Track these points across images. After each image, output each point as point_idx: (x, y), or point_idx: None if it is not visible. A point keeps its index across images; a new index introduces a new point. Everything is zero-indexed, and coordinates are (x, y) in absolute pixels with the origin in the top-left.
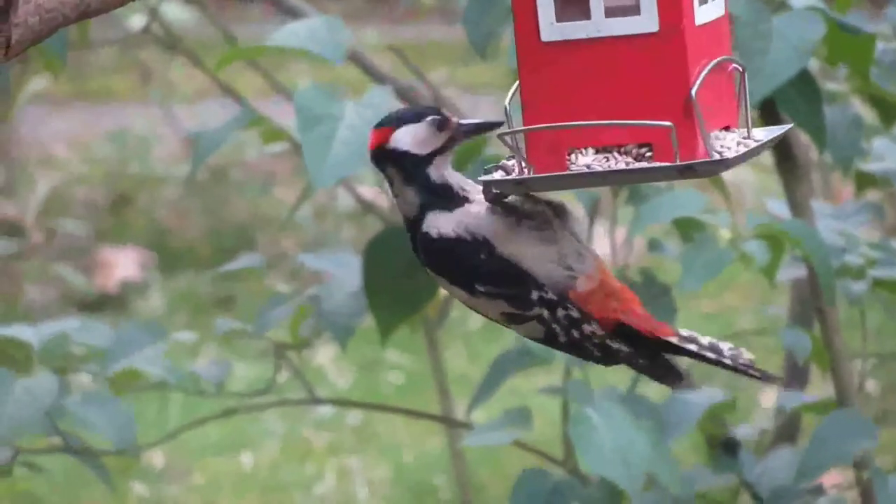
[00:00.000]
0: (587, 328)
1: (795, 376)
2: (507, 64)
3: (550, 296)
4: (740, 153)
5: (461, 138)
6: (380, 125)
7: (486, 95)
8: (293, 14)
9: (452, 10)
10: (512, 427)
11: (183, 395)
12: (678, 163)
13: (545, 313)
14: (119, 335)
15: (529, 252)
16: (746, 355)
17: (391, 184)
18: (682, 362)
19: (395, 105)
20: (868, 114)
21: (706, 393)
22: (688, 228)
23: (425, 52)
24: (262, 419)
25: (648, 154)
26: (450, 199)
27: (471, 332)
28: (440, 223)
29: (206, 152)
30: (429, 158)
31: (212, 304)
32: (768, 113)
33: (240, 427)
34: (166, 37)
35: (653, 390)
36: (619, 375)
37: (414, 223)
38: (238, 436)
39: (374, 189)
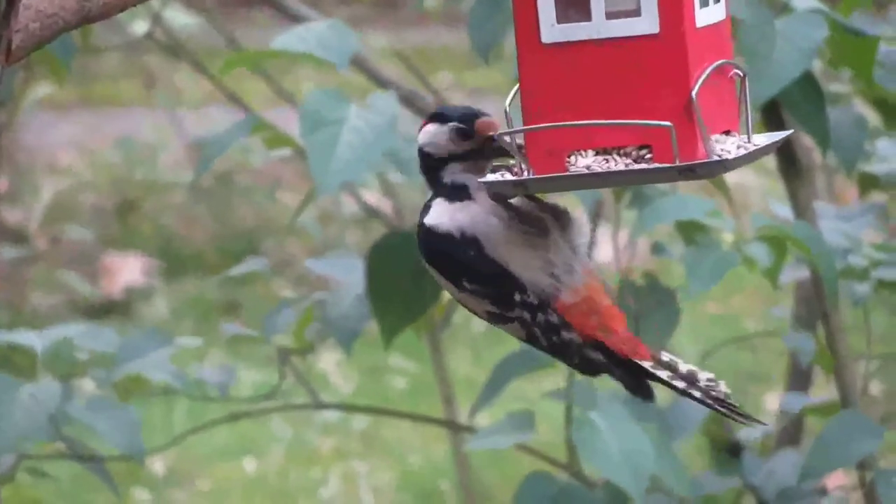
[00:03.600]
0: (565, 335)
1: (799, 378)
2: (511, 68)
3: (532, 300)
4: (740, 155)
5: (489, 153)
6: (427, 117)
7: (491, 99)
8: (298, 19)
9: (457, 15)
10: (515, 431)
11: (189, 401)
12: (678, 164)
13: (526, 315)
14: (125, 341)
15: (517, 256)
16: (722, 388)
17: None
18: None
19: (398, 110)
20: (871, 116)
21: None
22: (691, 232)
23: (431, 56)
24: (268, 424)
25: (648, 156)
26: (456, 195)
27: (475, 336)
28: (437, 216)
29: (211, 158)
30: (443, 161)
31: (218, 310)
32: (772, 115)
33: (246, 432)
34: (170, 42)
35: (657, 393)
36: None
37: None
38: (244, 441)
39: (378, 194)
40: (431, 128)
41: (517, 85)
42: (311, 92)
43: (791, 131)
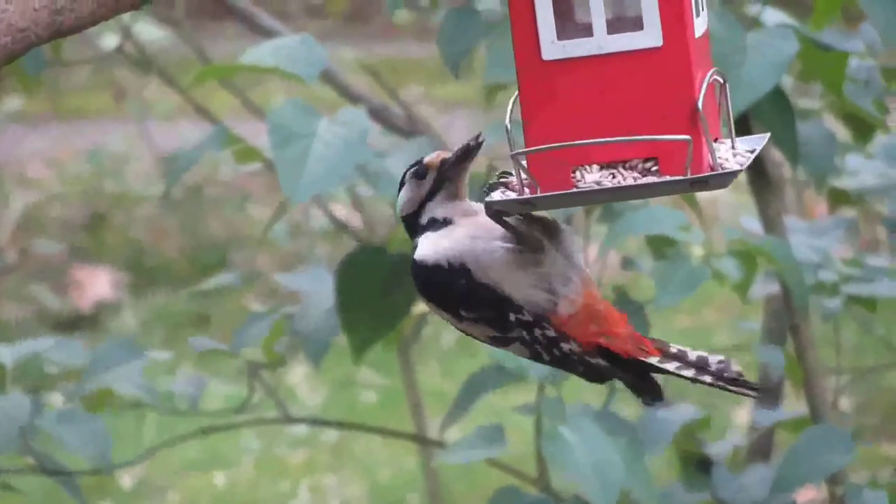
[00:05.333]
0: (565, 346)
1: (769, 393)
2: (482, 81)
3: (527, 317)
4: (742, 163)
5: (452, 174)
6: None
7: (461, 112)
8: (267, 33)
9: (428, 28)
10: (485, 444)
11: (159, 414)
12: (689, 176)
13: (524, 334)
14: (95, 354)
15: (508, 277)
16: (734, 368)
17: None
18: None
19: (368, 124)
20: (841, 131)
21: (681, 410)
22: (661, 245)
23: (401, 69)
24: (238, 437)
25: (654, 168)
26: (437, 226)
27: (445, 350)
28: (423, 249)
29: (181, 171)
30: (420, 209)
31: (187, 323)
32: (742, 129)
33: (215, 445)
34: (140, 55)
35: (628, 407)
36: (594, 393)
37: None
38: (214, 454)
39: (348, 208)
40: (399, 198)
41: (513, 97)
42: (280, 105)
43: (769, 134)
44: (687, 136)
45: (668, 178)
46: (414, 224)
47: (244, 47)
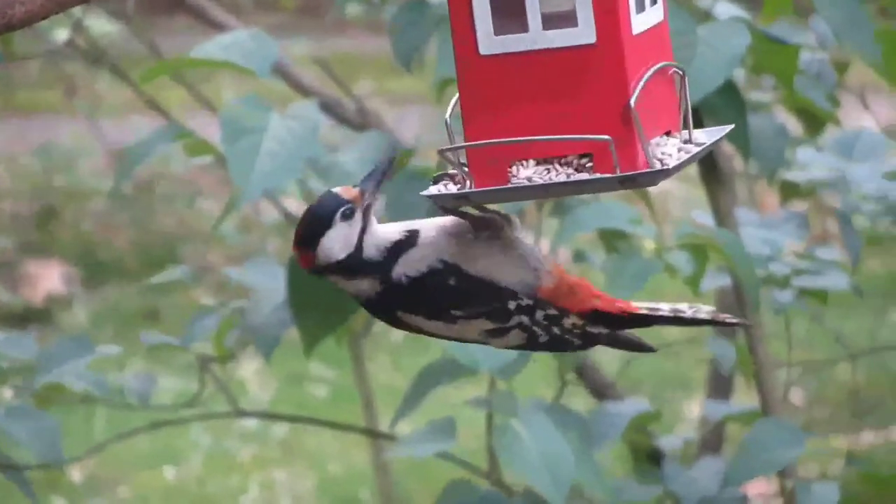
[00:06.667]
0: (567, 321)
1: (721, 386)
2: (434, 76)
3: (526, 301)
4: (681, 161)
5: (374, 201)
6: (300, 245)
7: (413, 107)
8: (219, 27)
9: (380, 23)
10: (436, 438)
11: (109, 409)
12: (618, 174)
13: (524, 319)
14: (45, 349)
15: (496, 262)
16: (706, 309)
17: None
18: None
19: (320, 118)
20: (793, 124)
21: (631, 403)
22: (612, 239)
23: (353, 63)
24: (188, 432)
25: (589, 165)
26: (410, 244)
27: (396, 344)
28: (406, 269)
29: (132, 166)
30: (359, 247)
31: (138, 317)
32: (692, 123)
33: (165, 440)
34: (91, 50)
35: (578, 401)
36: (545, 386)
37: (379, 294)
38: (164, 449)
39: (298, 201)
40: (328, 239)
41: (457, 95)
42: (231, 100)
43: (731, 126)
44: (607, 137)
45: (598, 175)
46: (357, 262)
47: (196, 41)
